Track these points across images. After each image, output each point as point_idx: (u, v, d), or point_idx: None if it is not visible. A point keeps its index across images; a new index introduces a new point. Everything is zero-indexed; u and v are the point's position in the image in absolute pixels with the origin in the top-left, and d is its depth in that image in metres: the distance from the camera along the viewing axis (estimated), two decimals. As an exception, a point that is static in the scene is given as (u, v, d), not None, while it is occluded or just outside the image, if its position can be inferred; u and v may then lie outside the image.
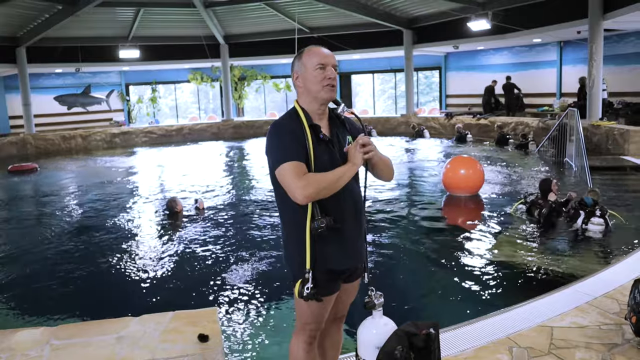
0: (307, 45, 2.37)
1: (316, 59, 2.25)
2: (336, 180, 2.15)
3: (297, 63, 2.30)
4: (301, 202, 2.11)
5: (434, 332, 2.33)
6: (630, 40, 14.73)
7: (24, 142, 18.15)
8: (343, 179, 2.18)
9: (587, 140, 10.51)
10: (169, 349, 2.69)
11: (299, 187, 2.08)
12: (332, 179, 2.14)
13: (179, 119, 24.59)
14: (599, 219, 6.28)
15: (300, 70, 2.28)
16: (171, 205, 8.24)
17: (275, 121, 2.30)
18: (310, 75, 2.25)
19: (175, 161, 15.57)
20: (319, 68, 2.23)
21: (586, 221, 6.33)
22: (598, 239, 6.11)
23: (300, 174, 2.11)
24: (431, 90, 24.21)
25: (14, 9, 15.38)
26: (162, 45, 20.39)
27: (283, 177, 2.14)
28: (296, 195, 2.10)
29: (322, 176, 2.14)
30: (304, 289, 2.17)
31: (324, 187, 2.12)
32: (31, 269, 5.97)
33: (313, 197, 2.11)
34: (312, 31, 19.56)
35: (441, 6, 16.17)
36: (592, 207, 6.44)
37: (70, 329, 3.02)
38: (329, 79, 2.24)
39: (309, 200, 2.11)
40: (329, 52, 2.30)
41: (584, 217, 6.39)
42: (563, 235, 6.49)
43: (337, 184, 2.16)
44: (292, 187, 2.11)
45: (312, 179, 2.11)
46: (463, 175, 8.62)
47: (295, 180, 2.10)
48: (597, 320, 3.39)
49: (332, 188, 2.15)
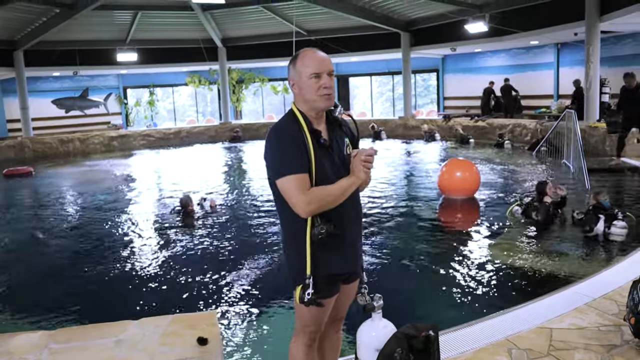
0: (306, 48, 2.31)
1: (310, 68, 2.18)
2: (340, 195, 2.16)
3: (291, 70, 2.25)
4: (304, 216, 2.12)
5: (433, 334, 2.33)
6: (627, 42, 14.78)
7: (21, 145, 18.12)
8: (346, 193, 2.19)
9: (584, 142, 10.53)
10: (168, 352, 2.68)
11: (303, 203, 2.08)
12: (336, 195, 2.15)
13: (177, 122, 24.58)
14: (622, 222, 5.93)
15: (295, 78, 2.23)
16: (186, 203, 8.27)
17: (275, 126, 2.25)
18: (305, 84, 2.19)
19: (173, 164, 15.56)
20: (313, 77, 2.18)
21: (608, 226, 6.01)
22: (597, 240, 6.09)
23: (305, 189, 2.10)
24: (429, 93, 24.24)
25: (11, 12, 15.37)
26: (160, 49, 20.40)
27: (287, 191, 2.13)
28: (299, 210, 2.11)
29: (325, 193, 2.13)
30: (305, 295, 2.17)
31: (327, 202, 2.13)
32: (29, 273, 5.96)
33: (315, 212, 2.12)
34: (310, 34, 19.59)
35: (438, 9, 16.21)
36: (611, 209, 6.13)
37: (68, 332, 3.01)
38: (325, 89, 2.18)
39: (312, 214, 2.12)
40: (324, 56, 2.24)
41: (604, 221, 6.03)
42: (562, 237, 6.49)
43: (340, 199, 2.17)
44: (295, 201, 2.10)
45: (316, 195, 2.11)
46: (459, 178, 8.59)
47: (299, 195, 2.09)
48: (596, 321, 3.39)
49: (335, 202, 2.16)
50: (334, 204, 2.15)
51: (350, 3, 17.09)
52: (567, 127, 11.55)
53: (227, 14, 18.67)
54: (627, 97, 10.07)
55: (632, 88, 9.85)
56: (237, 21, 19.44)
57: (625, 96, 10.13)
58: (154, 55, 20.28)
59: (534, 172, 10.99)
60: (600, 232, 6.06)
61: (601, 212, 6.15)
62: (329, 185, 2.16)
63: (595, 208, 6.27)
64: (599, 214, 6.13)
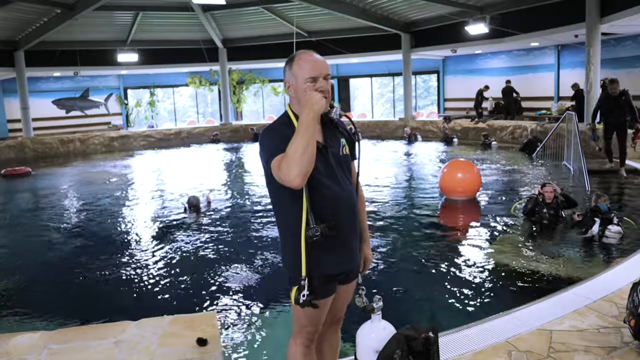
0: (303, 50, 2.30)
1: (306, 71, 2.16)
2: (303, 139, 1.99)
3: (287, 72, 2.23)
4: (296, 186, 2.01)
5: (433, 336, 2.33)
6: (627, 44, 14.80)
7: (22, 145, 18.12)
8: (308, 130, 2.00)
9: (584, 144, 10.53)
10: (168, 353, 2.68)
11: (286, 175, 1.99)
12: (298, 143, 1.98)
13: (177, 122, 24.59)
14: (617, 227, 5.98)
15: (290, 81, 2.22)
16: (194, 201, 8.39)
17: (269, 126, 2.25)
18: (300, 88, 2.18)
19: (173, 165, 15.55)
20: (309, 82, 2.16)
21: (603, 229, 6.02)
22: (596, 242, 6.09)
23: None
24: (429, 94, 24.25)
25: (12, 12, 15.38)
26: (161, 49, 20.42)
27: (275, 172, 2.07)
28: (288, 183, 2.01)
29: (291, 150, 1.99)
30: (300, 296, 2.16)
31: (298, 153, 1.96)
32: (28, 273, 5.95)
33: (302, 171, 1.98)
34: (311, 35, 19.60)
35: (439, 10, 16.21)
36: (608, 213, 6.17)
37: (68, 333, 3.00)
38: (321, 92, 2.15)
39: (302, 177, 1.99)
40: (320, 59, 2.22)
41: (599, 224, 6.07)
42: (562, 238, 6.49)
43: (308, 141, 1.99)
44: (281, 177, 2.03)
45: (285, 162, 1.99)
46: (460, 179, 8.61)
47: (279, 171, 2.02)
48: (596, 323, 3.38)
49: (306, 148, 1.98)
50: (306, 150, 1.97)
51: (351, 4, 17.10)
52: (567, 129, 11.56)
53: (227, 14, 18.68)
54: (610, 104, 9.62)
55: (617, 95, 9.54)
56: (238, 22, 19.45)
57: (608, 103, 9.67)
58: (154, 56, 20.30)
59: (533, 173, 10.99)
60: (595, 234, 6.12)
61: (598, 215, 6.22)
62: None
63: (593, 211, 6.34)
64: (596, 216, 6.21)
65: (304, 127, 2.01)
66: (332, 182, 2.21)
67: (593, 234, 6.13)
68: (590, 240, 6.12)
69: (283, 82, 2.31)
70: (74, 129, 20.98)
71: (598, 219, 6.15)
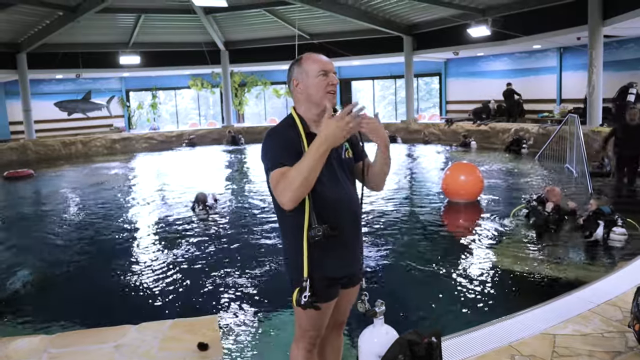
0: (307, 52, 2.33)
1: (318, 65, 2.22)
2: (305, 176, 1.98)
3: (296, 70, 2.25)
4: (286, 208, 2.05)
5: (436, 341, 2.32)
6: (629, 47, 14.78)
7: (24, 147, 18.15)
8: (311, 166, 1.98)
9: (587, 146, 10.51)
10: (168, 357, 2.66)
11: (278, 195, 2.04)
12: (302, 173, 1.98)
13: (179, 125, 24.61)
14: (622, 229, 5.92)
15: (300, 77, 2.24)
16: (202, 197, 8.49)
17: (272, 128, 2.27)
18: (312, 82, 2.21)
19: (176, 167, 15.54)
20: (322, 75, 2.20)
21: (607, 232, 5.96)
22: (599, 246, 6.06)
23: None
24: (431, 97, 24.25)
25: (14, 15, 15.44)
26: (163, 52, 20.46)
27: (272, 185, 2.10)
28: (280, 203, 2.07)
29: (292, 176, 2.00)
30: (302, 298, 2.15)
31: (298, 185, 1.98)
32: (28, 276, 5.94)
33: (295, 198, 2.01)
34: (313, 37, 19.62)
35: (441, 12, 16.22)
36: (611, 215, 6.11)
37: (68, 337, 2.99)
38: (332, 85, 2.21)
39: (293, 203, 2.02)
40: (327, 59, 2.28)
41: (603, 227, 6.02)
42: (565, 242, 6.46)
43: (310, 176, 1.99)
44: (275, 194, 2.08)
45: (283, 183, 2.02)
46: (463, 182, 8.59)
47: (276, 187, 2.06)
48: (600, 327, 3.36)
49: (307, 182, 2.00)
50: (306, 181, 1.98)
51: (353, 7, 17.11)
52: (569, 132, 11.53)
53: (229, 17, 18.71)
54: (627, 134, 8.66)
55: (636, 124, 8.55)
56: (240, 24, 19.47)
57: (625, 132, 8.76)
58: (156, 58, 20.34)
59: (532, 173, 10.96)
60: (599, 237, 6.04)
61: (601, 217, 6.15)
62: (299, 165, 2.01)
63: (596, 213, 6.27)
64: (599, 219, 6.14)
65: (311, 158, 1.98)
66: (334, 184, 2.21)
67: (597, 237, 6.05)
68: (594, 243, 6.06)
69: (287, 83, 2.31)
70: (76, 131, 21.01)
71: (602, 221, 6.09)
